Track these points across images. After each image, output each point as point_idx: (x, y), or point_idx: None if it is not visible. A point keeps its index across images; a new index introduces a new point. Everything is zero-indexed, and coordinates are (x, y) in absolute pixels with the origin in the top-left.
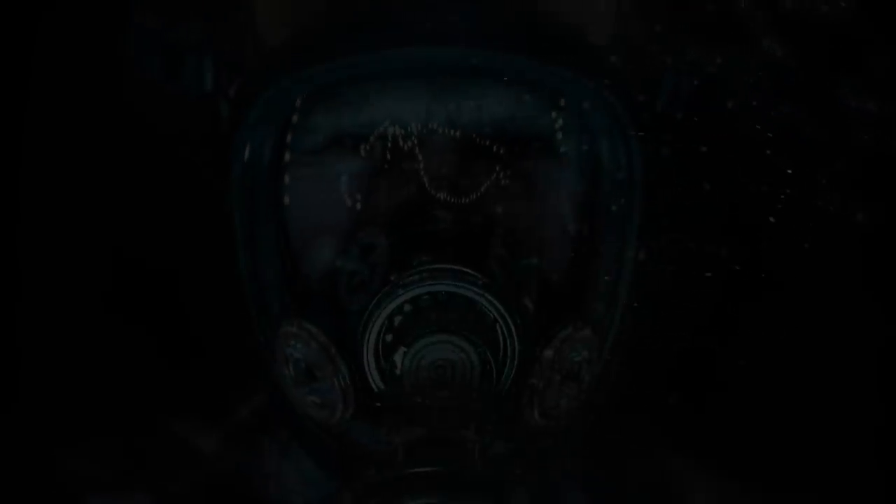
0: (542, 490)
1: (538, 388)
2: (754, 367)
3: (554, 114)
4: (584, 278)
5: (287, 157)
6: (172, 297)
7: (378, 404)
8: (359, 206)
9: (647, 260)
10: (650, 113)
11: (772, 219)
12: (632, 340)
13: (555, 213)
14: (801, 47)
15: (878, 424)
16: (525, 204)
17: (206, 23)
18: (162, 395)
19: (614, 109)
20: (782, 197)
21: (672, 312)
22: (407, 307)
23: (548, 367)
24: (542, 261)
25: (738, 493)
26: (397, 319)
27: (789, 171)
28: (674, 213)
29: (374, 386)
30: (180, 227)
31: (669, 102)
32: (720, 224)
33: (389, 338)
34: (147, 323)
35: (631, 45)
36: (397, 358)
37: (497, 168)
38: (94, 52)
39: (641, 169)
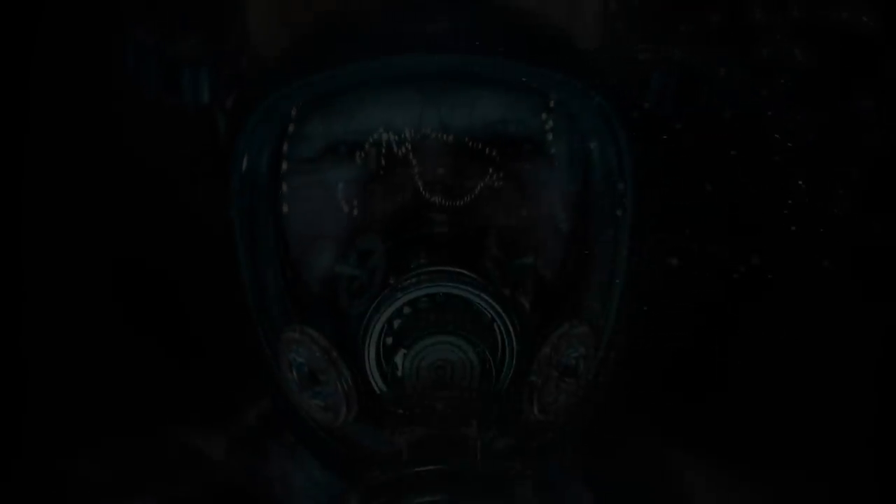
0: (545, 484)
1: (537, 384)
2: (751, 362)
3: (544, 116)
4: (578, 276)
5: (284, 165)
6: (177, 305)
7: (381, 406)
8: (356, 212)
9: (640, 258)
10: (639, 113)
11: (793, 227)
12: (628, 336)
13: (548, 213)
14: (819, 53)
15: (874, 417)
16: (518, 205)
17: (202, 36)
18: (168, 402)
19: (603, 110)
20: (781, 199)
21: (666, 309)
22: (406, 310)
23: (546, 363)
24: (537, 260)
25: (736, 482)
26: (397, 322)
27: (791, 176)
28: (665, 212)
29: (376, 388)
30: (183, 237)
31: (658, 102)
32: (713, 223)
33: (390, 340)
34: (153, 332)
35: (619, 45)
36: (398, 360)
37: (490, 170)
38: (92, 67)
39: (632, 168)
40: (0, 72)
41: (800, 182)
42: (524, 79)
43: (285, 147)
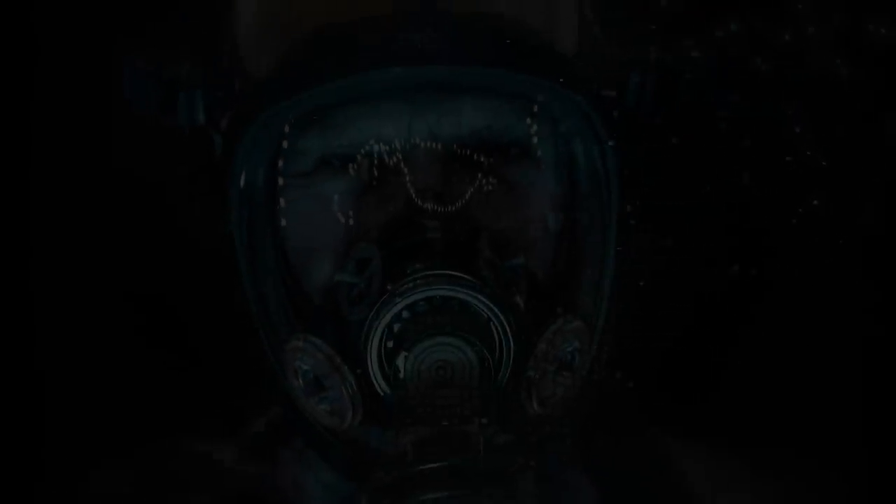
0: (546, 477)
1: (535, 379)
2: (745, 354)
3: (529, 120)
4: (569, 274)
5: (280, 181)
6: (184, 321)
7: (385, 408)
8: (351, 222)
9: (628, 256)
10: (620, 113)
11: (795, 233)
12: (621, 331)
13: (537, 214)
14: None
15: (866, 407)
16: (508, 207)
17: (195, 60)
18: (180, 415)
19: (585, 112)
20: (777, 201)
21: (656, 306)
22: (405, 314)
23: (542, 359)
24: (529, 260)
25: (735, 470)
26: (396, 326)
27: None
28: (652, 212)
29: (379, 391)
30: (186, 255)
31: (637, 102)
32: (703, 224)
33: (391, 344)
34: (162, 348)
35: (597, 49)
36: (400, 362)
37: (479, 176)
38: (92, 92)
39: (616, 168)
40: (4, 98)
41: (804, 189)
42: (507, 86)
43: (280, 163)
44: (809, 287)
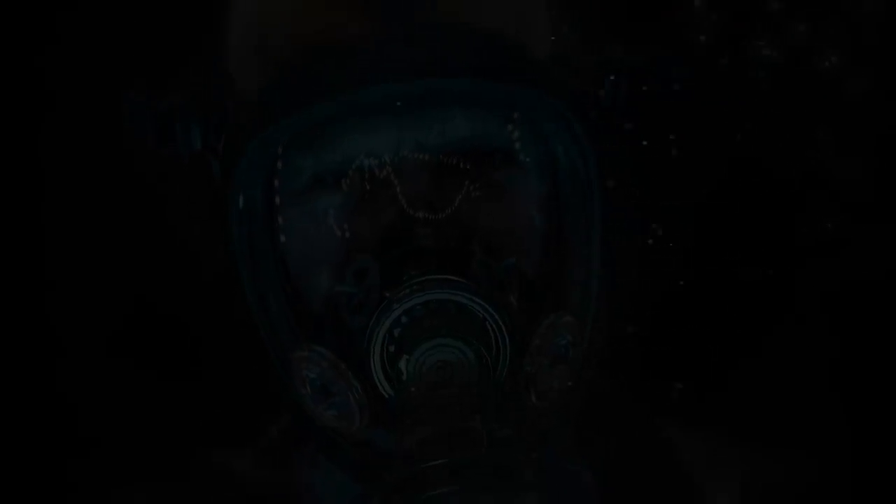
0: (547, 468)
1: (531, 374)
2: (740, 344)
3: (510, 126)
4: (558, 271)
5: (277, 199)
6: (194, 339)
7: (390, 410)
8: (347, 234)
9: (613, 254)
10: (597, 113)
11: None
12: (612, 324)
13: (524, 215)
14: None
15: (857, 398)
16: (496, 211)
17: (189, 91)
18: (196, 427)
19: (563, 114)
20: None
21: (643, 302)
22: (404, 319)
23: (537, 353)
24: (519, 260)
25: (735, 458)
26: (397, 331)
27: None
28: (636, 211)
29: (384, 393)
30: (194, 279)
31: (612, 102)
32: (680, 220)
33: (392, 348)
34: (178, 364)
35: (569, 51)
36: (402, 365)
37: (466, 182)
38: (96, 126)
39: (596, 168)
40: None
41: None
42: (487, 95)
43: (276, 182)
44: (803, 286)
